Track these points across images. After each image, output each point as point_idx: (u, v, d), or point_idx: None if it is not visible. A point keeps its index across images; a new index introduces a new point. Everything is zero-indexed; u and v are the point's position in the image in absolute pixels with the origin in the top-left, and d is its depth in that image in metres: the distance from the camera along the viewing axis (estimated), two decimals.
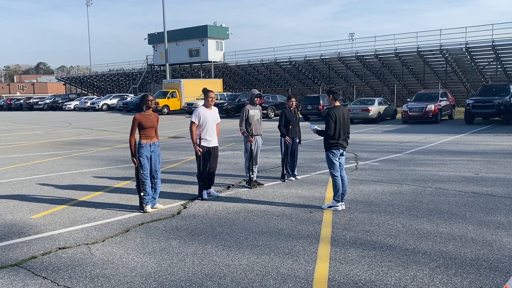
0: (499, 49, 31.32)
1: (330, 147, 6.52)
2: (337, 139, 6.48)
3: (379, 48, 36.78)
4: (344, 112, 6.59)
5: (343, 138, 6.54)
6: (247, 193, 7.71)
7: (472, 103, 20.82)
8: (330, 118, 6.43)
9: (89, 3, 73.41)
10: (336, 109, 6.54)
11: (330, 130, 6.41)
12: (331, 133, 6.42)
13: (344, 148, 6.60)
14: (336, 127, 6.44)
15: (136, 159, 6.55)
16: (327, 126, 6.46)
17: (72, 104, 46.98)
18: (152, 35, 51.45)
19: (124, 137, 17.93)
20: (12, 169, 10.60)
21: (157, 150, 6.74)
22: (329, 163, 6.58)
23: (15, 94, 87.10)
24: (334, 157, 6.52)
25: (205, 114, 7.26)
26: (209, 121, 7.26)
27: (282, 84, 46.32)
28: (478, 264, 4.47)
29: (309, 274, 4.30)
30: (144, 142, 6.59)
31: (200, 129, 7.23)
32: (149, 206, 6.63)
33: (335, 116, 6.44)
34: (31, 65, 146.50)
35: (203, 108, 7.33)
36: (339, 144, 6.51)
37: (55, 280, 4.23)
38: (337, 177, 6.52)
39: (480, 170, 9.49)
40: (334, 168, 6.53)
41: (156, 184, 6.72)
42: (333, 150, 6.51)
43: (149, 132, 6.60)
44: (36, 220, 6.22)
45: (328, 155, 6.56)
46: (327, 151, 6.57)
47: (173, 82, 38.96)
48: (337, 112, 6.48)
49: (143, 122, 6.55)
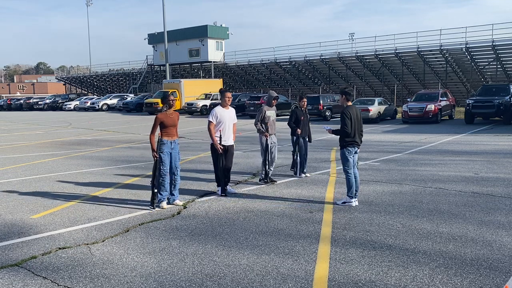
0: (499, 49, 31.31)
1: (346, 144, 6.79)
2: (353, 136, 6.77)
3: (379, 48, 36.78)
4: (357, 111, 6.90)
5: (358, 136, 6.83)
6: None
7: (472, 103, 20.82)
8: (346, 117, 6.70)
9: (89, 3, 73.33)
10: (350, 108, 6.82)
11: (348, 128, 6.67)
12: (348, 131, 6.68)
13: (358, 146, 6.90)
14: (351, 125, 6.72)
15: (157, 154, 6.72)
16: (343, 124, 6.71)
17: (72, 104, 46.96)
18: (152, 35, 51.45)
19: (124, 137, 17.93)
20: (12, 169, 10.60)
21: (177, 147, 6.98)
22: (343, 160, 6.84)
23: (15, 94, 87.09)
24: (349, 155, 6.79)
25: (222, 114, 7.49)
26: (226, 120, 7.50)
27: (282, 84, 46.32)
28: (478, 264, 4.47)
29: (309, 274, 4.30)
30: (166, 139, 6.81)
31: (218, 128, 7.46)
32: (164, 203, 6.82)
33: (350, 115, 6.71)
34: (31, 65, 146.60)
35: (220, 108, 7.54)
36: (355, 142, 6.80)
37: (55, 280, 4.23)
38: (350, 174, 6.78)
39: (480, 170, 9.49)
40: (348, 166, 6.79)
41: (176, 181, 6.94)
42: (349, 147, 6.78)
43: (170, 130, 6.84)
44: (36, 220, 6.22)
45: (344, 153, 6.81)
46: (343, 149, 6.83)
47: (173, 82, 38.93)
48: (351, 111, 6.77)
49: (165, 120, 6.78)
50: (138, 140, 16.87)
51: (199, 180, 8.90)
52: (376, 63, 38.05)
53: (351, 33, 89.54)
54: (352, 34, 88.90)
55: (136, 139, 17.08)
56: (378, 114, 23.52)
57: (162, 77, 51.37)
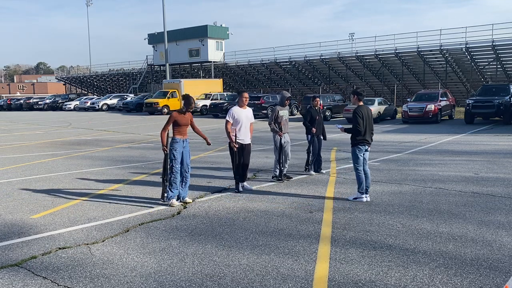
0: (499, 49, 31.32)
1: (357, 143, 7.07)
2: (364, 135, 7.04)
3: (379, 48, 36.79)
4: (368, 111, 7.18)
5: (369, 135, 7.12)
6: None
7: (472, 103, 20.82)
8: (358, 116, 7.01)
9: (89, 3, 73.33)
10: (362, 108, 7.12)
11: (360, 126, 6.98)
12: (361, 129, 6.98)
13: (369, 144, 7.17)
14: (363, 124, 7.01)
15: (168, 151, 6.93)
16: (355, 123, 7.00)
17: (72, 104, 46.94)
18: (152, 35, 51.45)
19: (124, 137, 17.93)
20: (12, 169, 10.60)
21: (188, 146, 7.15)
22: (354, 158, 7.12)
23: (15, 94, 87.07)
24: (360, 152, 7.08)
25: (239, 113, 7.78)
26: (243, 119, 7.78)
27: (282, 84, 46.30)
28: (478, 264, 4.47)
29: (309, 274, 4.30)
30: (178, 137, 6.98)
31: (235, 128, 7.72)
32: (174, 200, 6.93)
33: (361, 114, 7.02)
34: (31, 65, 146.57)
35: (237, 108, 7.85)
36: (365, 140, 7.09)
37: (55, 280, 4.23)
38: (360, 171, 7.06)
39: (480, 170, 9.49)
40: (358, 163, 7.08)
41: (187, 178, 7.10)
42: (359, 146, 7.07)
43: (183, 129, 7.04)
44: (36, 220, 6.22)
45: (355, 150, 7.10)
46: (354, 147, 7.12)
47: (173, 82, 38.91)
48: (362, 111, 7.07)
49: (179, 119, 6.98)
50: (138, 140, 16.87)
51: (199, 180, 8.90)
52: (376, 63, 38.06)
53: (351, 33, 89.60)
54: (352, 34, 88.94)
55: (136, 139, 17.08)
56: (378, 114, 23.51)
57: (162, 77, 51.36)
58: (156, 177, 9.15)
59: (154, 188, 8.13)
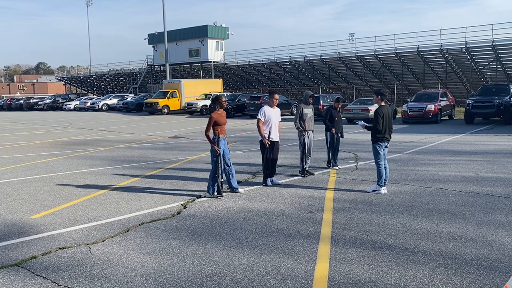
0: (499, 49, 31.31)
1: (377, 140, 7.62)
2: (383, 133, 7.58)
3: (379, 48, 36.75)
4: (389, 110, 7.64)
5: (388, 132, 7.65)
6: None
7: (472, 103, 20.80)
8: (378, 116, 7.53)
9: (89, 3, 73.27)
10: (383, 108, 7.61)
11: (379, 125, 7.53)
12: (380, 128, 7.52)
13: (388, 141, 7.70)
14: (383, 123, 7.53)
15: (219, 149, 7.34)
16: (376, 122, 7.54)
17: (72, 104, 46.96)
18: (152, 35, 51.42)
19: (124, 137, 17.94)
20: (12, 169, 10.60)
21: (226, 143, 7.62)
22: (375, 153, 7.66)
23: (15, 94, 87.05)
24: (380, 148, 7.62)
25: (269, 113, 8.26)
26: (272, 118, 8.25)
27: (282, 84, 46.31)
28: (478, 264, 4.47)
29: (309, 274, 4.30)
30: (221, 136, 7.42)
31: (266, 126, 8.18)
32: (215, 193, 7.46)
33: (382, 114, 7.53)
34: (31, 65, 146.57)
35: (267, 107, 8.37)
36: (385, 137, 7.63)
37: (55, 280, 4.23)
38: (381, 166, 7.59)
39: (480, 170, 9.49)
40: (379, 158, 7.62)
41: (232, 171, 7.61)
42: (379, 142, 7.62)
43: (222, 128, 7.48)
44: (36, 220, 6.22)
45: (375, 147, 7.64)
46: (374, 143, 7.65)
47: (173, 82, 38.91)
48: (383, 111, 7.57)
49: (219, 120, 7.42)
50: (138, 140, 16.87)
51: (199, 180, 8.90)
52: (376, 63, 38.04)
53: (351, 33, 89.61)
54: (352, 34, 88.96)
55: (136, 139, 17.08)
56: None
57: (162, 77, 51.35)
58: (156, 177, 9.16)
59: (154, 188, 8.13)
